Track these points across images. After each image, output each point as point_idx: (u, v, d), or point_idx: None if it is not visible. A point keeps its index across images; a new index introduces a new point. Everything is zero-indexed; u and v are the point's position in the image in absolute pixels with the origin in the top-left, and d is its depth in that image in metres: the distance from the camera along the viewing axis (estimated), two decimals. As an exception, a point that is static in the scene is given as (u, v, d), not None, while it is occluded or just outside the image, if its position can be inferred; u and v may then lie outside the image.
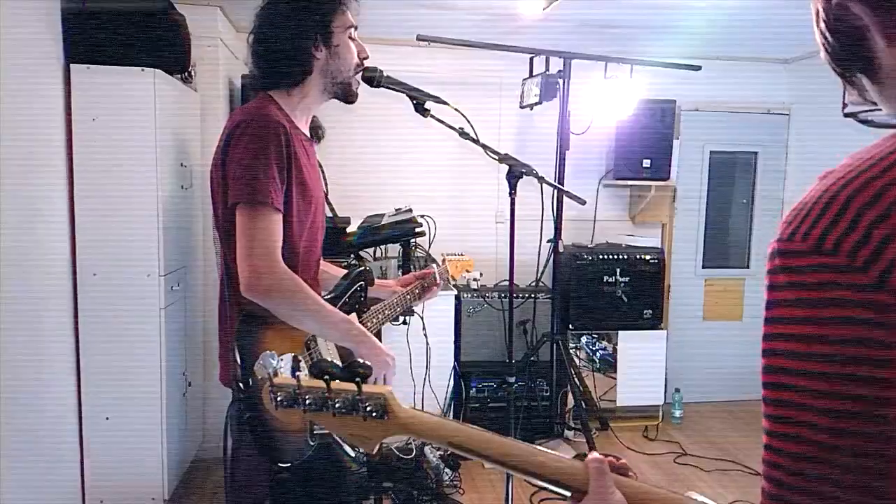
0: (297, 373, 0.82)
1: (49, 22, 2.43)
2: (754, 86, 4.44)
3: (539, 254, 3.75)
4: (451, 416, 3.81)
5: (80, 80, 2.54)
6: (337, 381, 0.80)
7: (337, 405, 0.79)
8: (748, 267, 4.60)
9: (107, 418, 2.67)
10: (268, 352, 0.84)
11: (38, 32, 2.38)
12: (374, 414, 0.79)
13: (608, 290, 3.94)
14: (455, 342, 3.74)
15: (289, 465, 1.49)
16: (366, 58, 1.65)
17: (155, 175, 2.63)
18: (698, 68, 3.62)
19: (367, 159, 4.03)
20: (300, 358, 1.46)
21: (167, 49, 2.65)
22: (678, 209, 4.44)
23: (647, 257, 3.99)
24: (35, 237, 2.35)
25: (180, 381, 2.97)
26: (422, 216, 3.18)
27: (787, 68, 4.47)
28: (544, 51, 3.41)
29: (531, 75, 3.55)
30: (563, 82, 3.38)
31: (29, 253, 2.29)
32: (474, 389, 3.77)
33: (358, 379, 0.80)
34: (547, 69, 3.41)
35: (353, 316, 1.69)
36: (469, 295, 3.79)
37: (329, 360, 0.84)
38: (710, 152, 4.46)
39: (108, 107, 2.57)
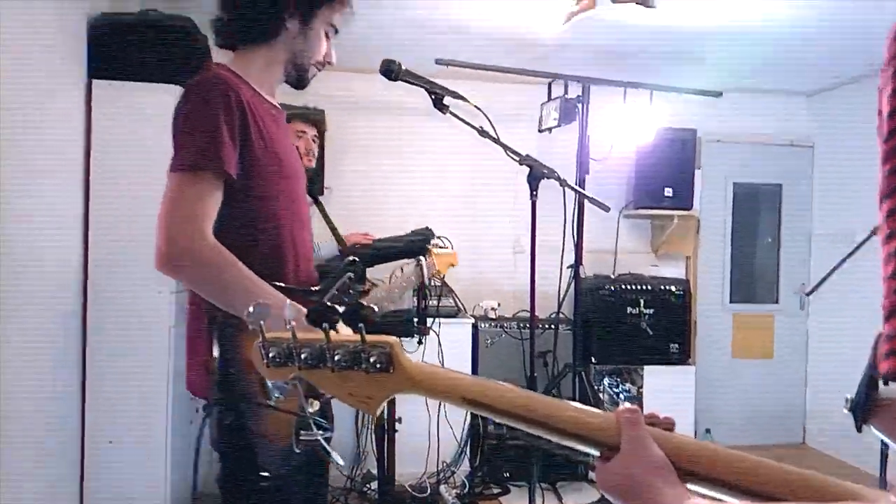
0: (292, 323, 0.72)
1: (73, 37, 2.47)
2: (776, 118, 4.39)
3: (559, 283, 3.63)
4: (468, 454, 3.63)
5: (102, 96, 2.56)
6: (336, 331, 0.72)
7: (336, 358, 0.71)
8: (777, 302, 4.43)
9: (110, 442, 2.56)
10: (261, 301, 0.76)
11: (61, 48, 2.41)
12: (378, 366, 0.70)
13: (632, 322, 3.80)
14: (472, 374, 3.59)
15: (269, 474, 1.36)
16: (329, 63, 1.57)
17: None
18: (719, 94, 3.60)
19: (382, 190, 4.01)
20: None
21: (188, 67, 2.67)
22: (702, 241, 4.32)
23: (672, 289, 3.86)
24: (48, 254, 2.31)
25: (189, 406, 2.86)
26: (439, 237, 3.11)
27: (809, 101, 4.42)
28: (563, 75, 3.41)
29: (549, 99, 3.54)
30: (583, 106, 3.36)
31: (41, 268, 2.25)
32: (492, 425, 3.59)
33: (361, 325, 0.71)
34: (565, 94, 3.40)
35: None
36: (486, 325, 3.68)
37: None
38: (734, 184, 4.38)
39: (128, 124, 2.56)
